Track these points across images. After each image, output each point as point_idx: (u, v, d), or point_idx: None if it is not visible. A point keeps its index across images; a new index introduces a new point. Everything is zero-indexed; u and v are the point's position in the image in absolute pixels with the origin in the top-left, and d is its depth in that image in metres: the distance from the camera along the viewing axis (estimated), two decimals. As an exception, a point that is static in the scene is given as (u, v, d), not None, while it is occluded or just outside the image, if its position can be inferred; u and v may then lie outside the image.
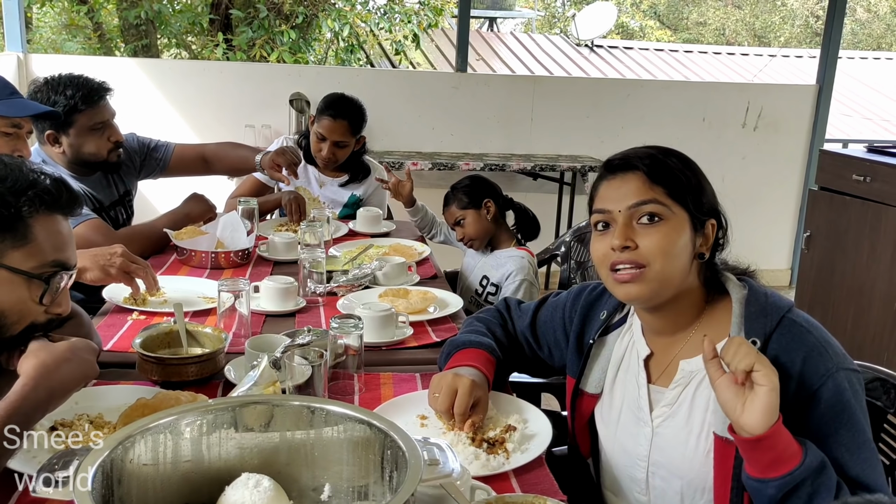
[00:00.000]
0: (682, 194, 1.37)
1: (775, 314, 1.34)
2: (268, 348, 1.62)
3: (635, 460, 1.47)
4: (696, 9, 18.62)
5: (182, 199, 2.86)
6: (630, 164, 1.40)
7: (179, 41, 9.56)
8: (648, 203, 1.36)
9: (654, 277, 1.35)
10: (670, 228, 1.36)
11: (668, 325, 1.45)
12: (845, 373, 1.29)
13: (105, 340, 1.84)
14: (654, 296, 1.38)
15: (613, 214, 1.38)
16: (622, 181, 1.40)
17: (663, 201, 1.36)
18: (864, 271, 3.98)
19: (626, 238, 1.35)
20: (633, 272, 1.35)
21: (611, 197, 1.40)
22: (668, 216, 1.36)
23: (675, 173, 1.38)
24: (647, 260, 1.35)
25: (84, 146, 2.62)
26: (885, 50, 16.35)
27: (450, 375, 1.51)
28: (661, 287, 1.36)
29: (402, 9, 9.27)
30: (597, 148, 5.29)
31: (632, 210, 1.37)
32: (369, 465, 1.11)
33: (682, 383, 1.41)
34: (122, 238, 2.53)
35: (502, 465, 1.36)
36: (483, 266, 2.90)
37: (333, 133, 3.18)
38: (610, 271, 1.39)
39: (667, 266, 1.35)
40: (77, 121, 2.57)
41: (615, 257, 1.37)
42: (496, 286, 2.83)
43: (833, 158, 4.28)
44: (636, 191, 1.37)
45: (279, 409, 1.15)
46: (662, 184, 1.37)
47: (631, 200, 1.37)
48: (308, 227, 2.51)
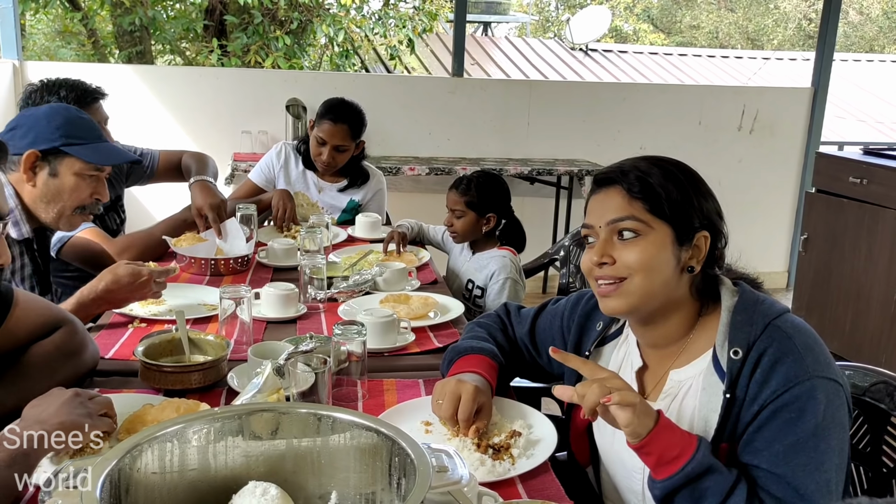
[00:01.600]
0: (662, 209, 1.37)
1: (761, 322, 1.33)
2: (270, 355, 1.61)
3: (631, 472, 1.46)
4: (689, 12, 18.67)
5: (175, 202, 2.85)
6: (611, 179, 1.41)
7: (174, 47, 9.55)
8: (625, 220, 1.37)
9: (633, 291, 1.36)
10: (648, 243, 1.36)
11: (659, 338, 1.45)
12: (821, 381, 1.27)
13: (106, 349, 1.84)
14: (634, 309, 1.39)
15: (595, 229, 1.41)
16: (605, 196, 1.41)
17: (641, 217, 1.37)
18: (861, 273, 3.99)
19: (603, 254, 1.38)
20: (612, 286, 1.38)
21: (594, 212, 1.42)
22: (645, 232, 1.36)
23: (656, 188, 1.37)
24: (623, 274, 1.37)
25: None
26: (877, 52, 16.42)
27: (453, 382, 1.51)
28: (642, 301, 1.37)
29: (397, 14, 9.27)
30: (593, 152, 5.29)
31: (610, 226, 1.38)
32: (377, 473, 1.10)
33: (672, 394, 1.41)
34: (120, 245, 2.53)
35: (508, 471, 1.36)
36: (467, 270, 2.90)
37: (334, 137, 3.17)
38: (596, 285, 1.42)
39: (646, 280, 1.36)
40: None
41: (597, 272, 1.39)
42: (482, 288, 2.82)
43: (829, 161, 4.29)
44: (615, 207, 1.39)
45: (286, 416, 1.15)
46: (642, 199, 1.37)
47: (609, 216, 1.39)
48: (308, 233, 2.50)
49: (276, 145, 3.45)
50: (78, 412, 1.27)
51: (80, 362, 1.63)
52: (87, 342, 1.69)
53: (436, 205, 2.99)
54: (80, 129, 2.07)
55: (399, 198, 4.88)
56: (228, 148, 4.79)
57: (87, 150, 2.05)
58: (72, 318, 1.69)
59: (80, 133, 2.06)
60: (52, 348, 1.58)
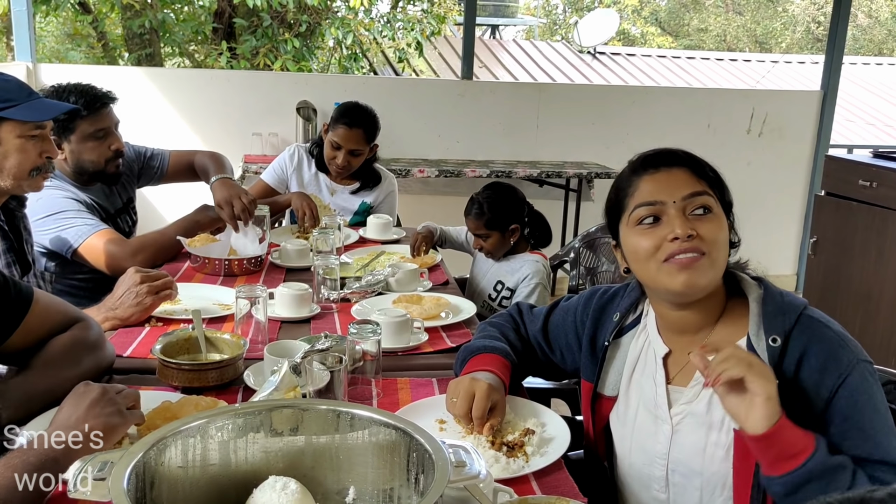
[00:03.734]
0: (720, 190, 1.42)
1: (793, 312, 1.36)
2: (286, 354, 1.63)
3: (654, 458, 1.48)
4: (697, 15, 18.67)
5: (187, 204, 2.87)
6: (675, 159, 1.43)
7: (183, 50, 9.60)
8: (701, 195, 1.38)
9: (710, 266, 1.36)
10: (720, 220, 1.39)
11: (692, 323, 1.46)
12: (864, 364, 1.33)
13: (124, 347, 1.86)
14: (708, 284, 1.38)
15: (667, 206, 1.38)
16: (668, 174, 1.41)
17: (711, 194, 1.40)
18: (871, 276, 3.99)
19: (689, 227, 1.36)
20: (695, 257, 1.35)
21: (659, 189, 1.40)
22: (716, 209, 1.39)
23: (712, 170, 1.43)
24: (707, 248, 1.36)
25: (84, 153, 2.58)
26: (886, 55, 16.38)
27: (467, 380, 1.52)
28: (715, 276, 1.39)
29: (406, 17, 9.30)
30: (603, 154, 5.30)
31: (686, 201, 1.38)
32: (395, 468, 1.12)
33: (702, 381, 1.42)
34: (134, 247, 2.55)
35: (522, 468, 1.37)
36: (497, 271, 2.91)
37: (349, 141, 3.19)
38: (662, 263, 1.38)
39: (720, 256, 1.38)
40: (79, 126, 2.55)
41: (674, 247, 1.36)
42: (511, 290, 2.84)
43: (838, 164, 4.29)
44: (687, 182, 1.39)
45: (306, 413, 1.16)
46: (705, 179, 1.41)
47: (685, 191, 1.38)
48: (320, 235, 2.52)
49: (289, 147, 3.47)
50: (108, 412, 1.28)
51: (100, 356, 1.65)
52: (103, 338, 1.71)
53: (445, 206, 3.02)
54: (7, 93, 2.02)
55: (409, 200, 4.90)
56: (239, 150, 4.82)
57: (21, 111, 2.01)
58: (87, 316, 1.72)
59: (8, 96, 2.01)
60: (73, 340, 1.60)
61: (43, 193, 2.35)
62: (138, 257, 2.49)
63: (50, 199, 2.50)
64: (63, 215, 2.50)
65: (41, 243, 2.49)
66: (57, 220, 2.49)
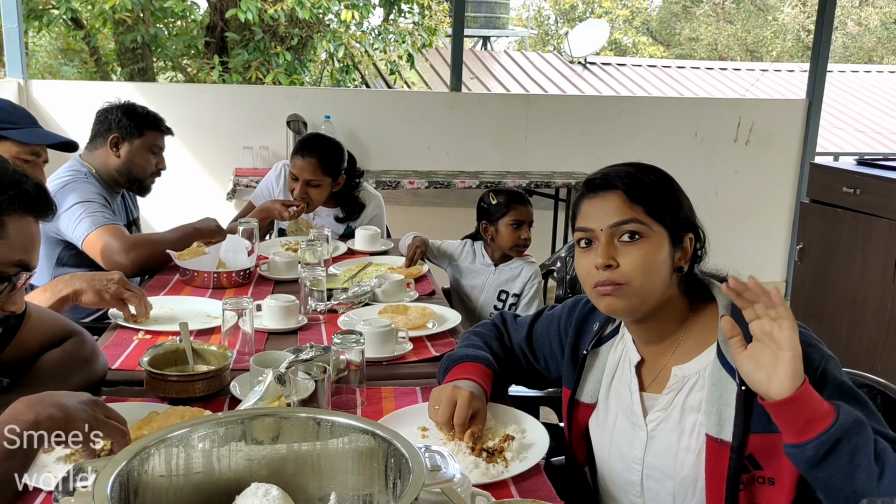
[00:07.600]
0: (661, 212, 1.43)
1: None
2: (272, 364, 1.65)
3: (630, 464, 1.52)
4: (688, 24, 18.77)
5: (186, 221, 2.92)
6: (610, 184, 1.46)
7: (175, 64, 9.64)
8: (629, 222, 1.42)
9: (633, 293, 1.41)
10: (650, 246, 1.42)
11: (653, 335, 1.52)
12: (831, 359, 1.35)
13: (112, 359, 1.88)
14: (634, 310, 1.45)
15: (595, 233, 1.44)
16: (603, 200, 1.45)
17: (643, 220, 1.42)
18: (856, 282, 4.02)
19: (608, 257, 1.41)
20: (614, 287, 1.42)
21: (592, 215, 1.46)
22: (647, 234, 1.42)
23: (654, 192, 1.44)
24: (627, 278, 1.41)
25: (138, 158, 2.82)
26: (875, 63, 16.49)
27: (449, 388, 1.55)
28: (641, 302, 1.43)
29: (397, 29, 9.35)
30: (591, 164, 5.26)
31: (613, 229, 1.43)
32: (374, 474, 1.15)
33: (675, 388, 1.46)
34: (134, 242, 2.60)
35: (501, 473, 1.40)
36: (496, 281, 3.00)
37: (304, 171, 3.10)
38: (592, 288, 1.45)
39: (646, 282, 1.41)
40: (146, 135, 2.83)
41: (596, 276, 1.43)
42: (518, 295, 2.96)
43: (824, 172, 4.33)
44: (617, 210, 1.43)
45: (286, 421, 1.19)
46: (641, 202, 1.43)
47: (612, 220, 1.43)
48: (308, 247, 2.55)
49: (275, 166, 3.47)
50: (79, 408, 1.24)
51: (91, 370, 1.67)
52: (97, 352, 1.74)
53: (435, 218, 3.05)
54: (13, 116, 2.24)
55: (399, 211, 4.93)
56: (230, 163, 4.86)
57: (22, 134, 2.21)
58: (81, 329, 1.74)
59: (12, 119, 2.23)
60: (64, 355, 1.62)
61: (79, 184, 2.63)
62: (132, 254, 2.56)
63: (84, 189, 2.66)
64: (90, 206, 2.63)
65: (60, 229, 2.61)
66: (82, 208, 2.61)
